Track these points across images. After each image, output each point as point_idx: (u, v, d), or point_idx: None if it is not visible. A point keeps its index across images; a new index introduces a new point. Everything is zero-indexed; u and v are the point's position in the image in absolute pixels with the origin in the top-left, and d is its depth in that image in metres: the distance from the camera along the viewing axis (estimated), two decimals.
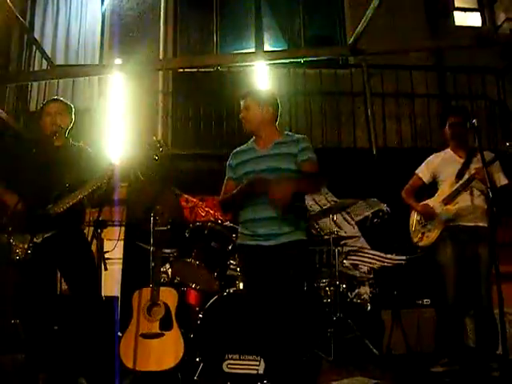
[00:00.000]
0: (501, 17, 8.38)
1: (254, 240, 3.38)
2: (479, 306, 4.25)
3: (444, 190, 4.45)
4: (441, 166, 4.54)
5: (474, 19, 8.75)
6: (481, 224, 4.25)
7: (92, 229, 3.89)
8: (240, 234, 3.56)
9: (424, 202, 4.57)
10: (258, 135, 3.55)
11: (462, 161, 4.40)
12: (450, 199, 4.37)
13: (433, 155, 4.67)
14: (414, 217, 4.66)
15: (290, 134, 3.59)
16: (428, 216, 4.49)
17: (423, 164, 4.69)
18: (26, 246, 3.45)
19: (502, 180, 4.33)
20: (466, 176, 4.28)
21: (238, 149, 3.67)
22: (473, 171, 4.25)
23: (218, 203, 3.78)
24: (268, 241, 3.33)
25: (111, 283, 5.85)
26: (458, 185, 4.34)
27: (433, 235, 4.44)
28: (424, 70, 7.69)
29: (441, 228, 4.40)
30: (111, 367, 3.93)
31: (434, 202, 4.49)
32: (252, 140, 3.63)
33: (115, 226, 5.71)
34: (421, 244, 4.55)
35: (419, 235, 4.56)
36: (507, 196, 4.29)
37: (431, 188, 4.64)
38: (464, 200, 4.30)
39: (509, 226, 5.76)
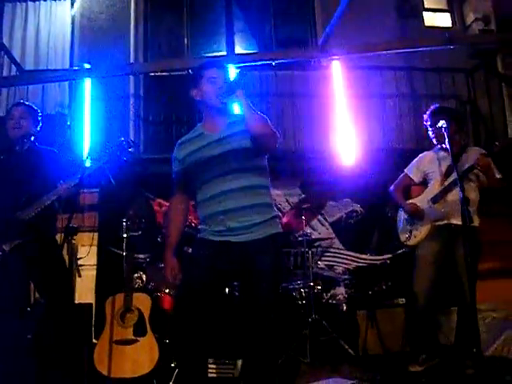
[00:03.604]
0: (470, 17, 8.47)
1: (222, 236, 3.05)
2: (463, 303, 4.21)
3: (432, 188, 4.40)
4: (431, 164, 4.49)
5: (443, 20, 8.84)
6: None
7: (63, 235, 3.86)
8: (204, 230, 3.21)
9: (412, 201, 4.53)
10: (215, 115, 3.20)
11: (450, 159, 4.11)
12: (438, 198, 4.33)
13: (423, 154, 4.63)
14: (402, 215, 4.61)
15: (235, 113, 3.27)
16: (416, 215, 4.43)
17: (413, 163, 4.65)
18: None
19: (496, 174, 4.27)
20: (455, 174, 3.98)
21: (183, 138, 3.33)
22: (470, 162, 4.20)
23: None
24: (239, 236, 3.01)
25: (86, 290, 5.79)
26: (446, 183, 4.29)
27: (421, 235, 4.40)
28: (394, 71, 7.73)
29: (429, 227, 4.36)
30: (85, 375, 3.90)
31: (421, 201, 4.45)
32: (199, 126, 3.31)
33: (88, 232, 5.65)
34: (409, 243, 4.51)
35: (407, 234, 4.52)
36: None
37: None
38: (453, 198, 4.16)
39: (497, 224, 5.71)
